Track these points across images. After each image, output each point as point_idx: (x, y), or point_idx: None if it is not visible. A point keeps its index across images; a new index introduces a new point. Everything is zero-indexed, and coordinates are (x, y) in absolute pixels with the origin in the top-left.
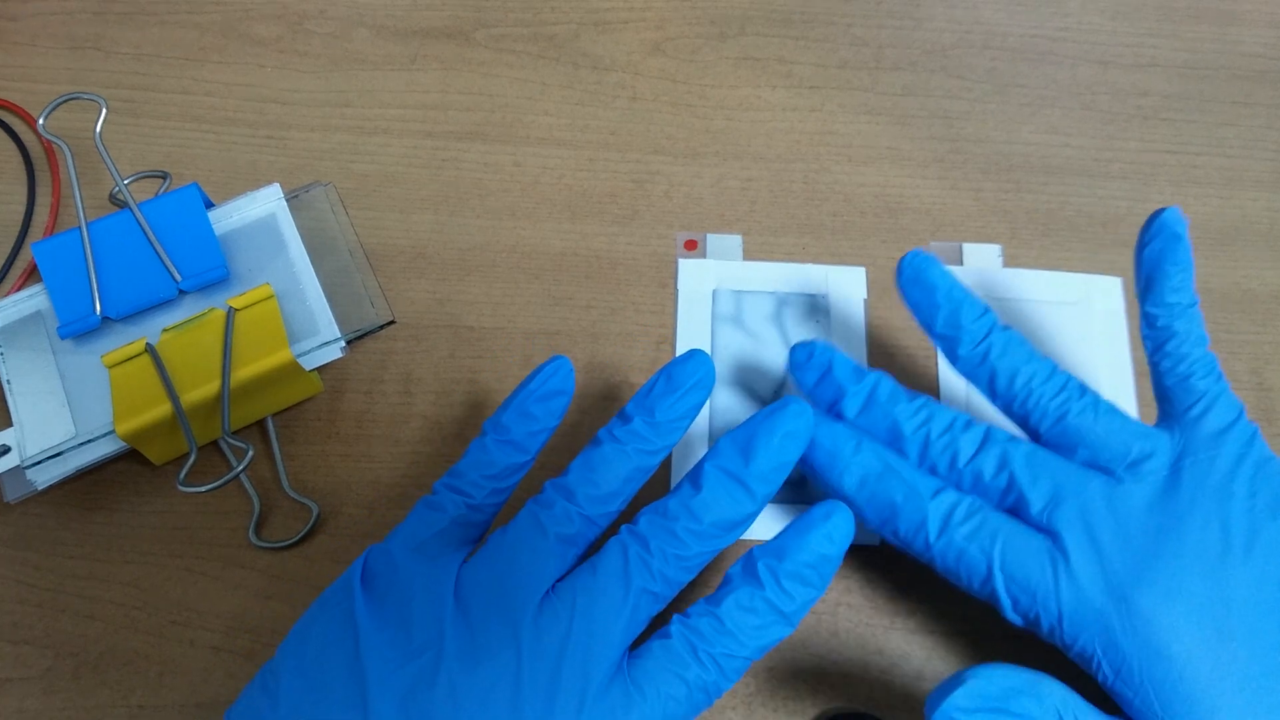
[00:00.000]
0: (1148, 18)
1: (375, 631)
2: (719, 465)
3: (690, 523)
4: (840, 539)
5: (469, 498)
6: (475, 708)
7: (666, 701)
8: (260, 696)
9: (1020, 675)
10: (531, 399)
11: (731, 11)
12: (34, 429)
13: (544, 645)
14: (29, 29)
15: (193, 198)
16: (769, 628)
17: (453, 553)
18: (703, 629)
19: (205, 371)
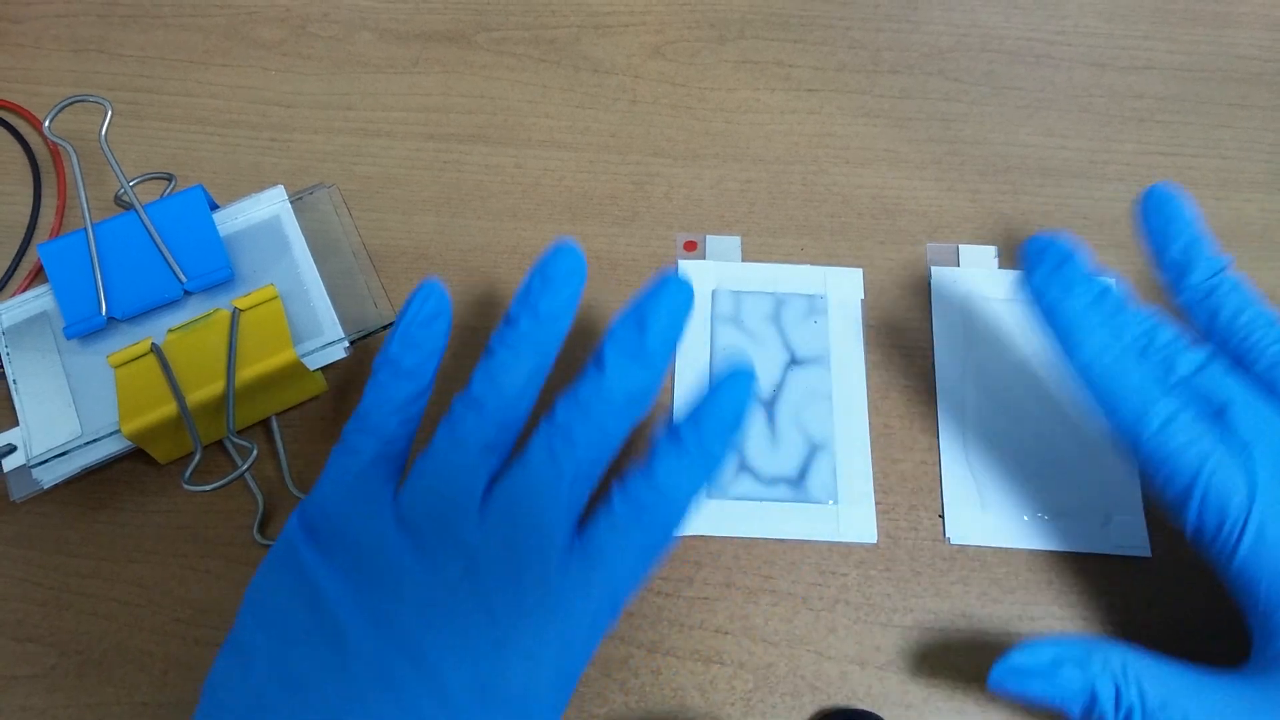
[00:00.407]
0: (1144, 20)
1: (330, 574)
2: (618, 347)
3: (602, 404)
4: (745, 391)
5: (380, 434)
6: (444, 616)
7: (618, 567)
8: (233, 663)
9: (1072, 646)
10: (414, 326)
11: (731, 15)
12: (40, 428)
13: (493, 543)
14: (33, 31)
15: (197, 199)
16: (703, 479)
17: (380, 488)
18: (641, 495)
19: (210, 371)
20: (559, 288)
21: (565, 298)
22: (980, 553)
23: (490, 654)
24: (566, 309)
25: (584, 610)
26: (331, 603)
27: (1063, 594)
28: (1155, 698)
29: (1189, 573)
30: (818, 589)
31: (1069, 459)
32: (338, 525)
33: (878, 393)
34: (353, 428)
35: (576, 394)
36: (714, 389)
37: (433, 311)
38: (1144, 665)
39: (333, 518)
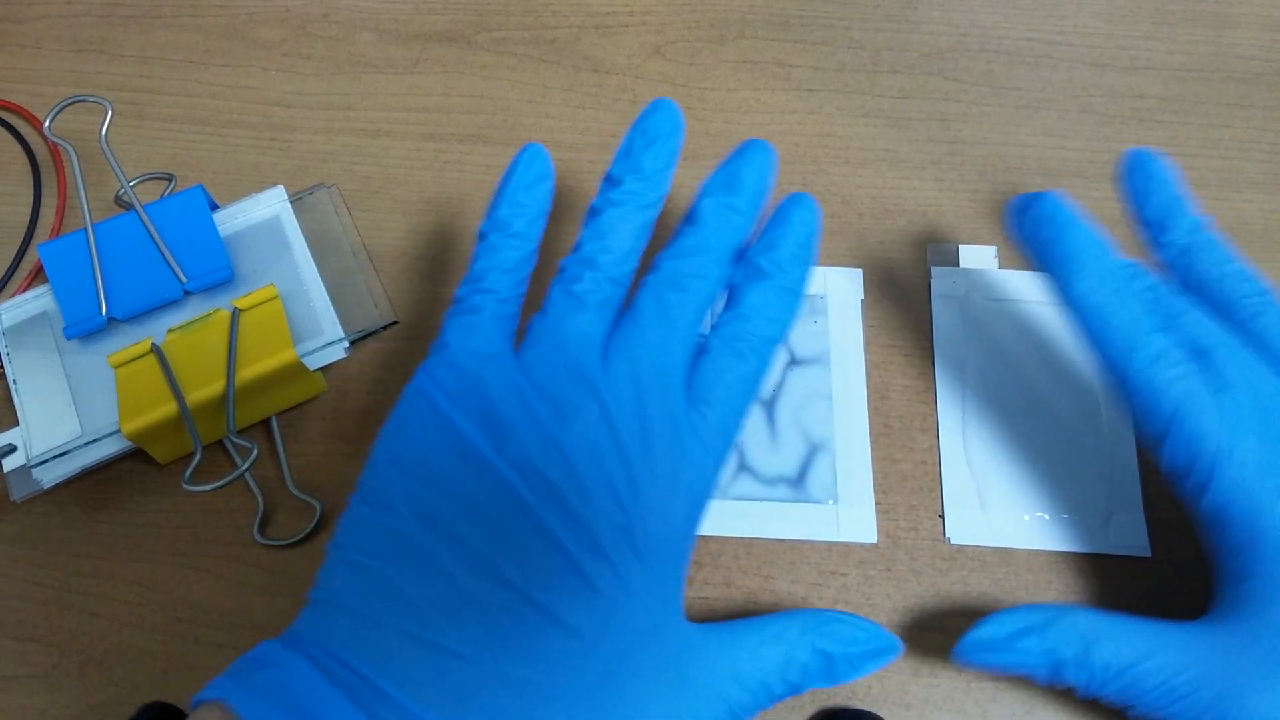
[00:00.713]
0: (1143, 21)
1: (470, 423)
2: (714, 200)
3: (704, 254)
4: (813, 216)
5: (496, 293)
6: (583, 464)
7: (726, 406)
8: (368, 512)
9: (1035, 614)
10: (520, 189)
11: (731, 15)
12: (40, 428)
13: (621, 393)
14: (33, 31)
15: (197, 199)
16: (787, 308)
17: (502, 345)
18: (737, 331)
19: (210, 371)
20: (661, 144)
21: (667, 153)
22: (980, 553)
23: (629, 500)
24: (668, 164)
25: (704, 452)
26: (476, 447)
27: (1063, 594)
28: (1124, 656)
29: (1189, 573)
30: (818, 589)
31: (1069, 459)
32: (468, 381)
33: (878, 393)
34: (468, 290)
35: (679, 247)
36: (780, 215)
37: (538, 174)
38: (1107, 625)
39: (463, 373)
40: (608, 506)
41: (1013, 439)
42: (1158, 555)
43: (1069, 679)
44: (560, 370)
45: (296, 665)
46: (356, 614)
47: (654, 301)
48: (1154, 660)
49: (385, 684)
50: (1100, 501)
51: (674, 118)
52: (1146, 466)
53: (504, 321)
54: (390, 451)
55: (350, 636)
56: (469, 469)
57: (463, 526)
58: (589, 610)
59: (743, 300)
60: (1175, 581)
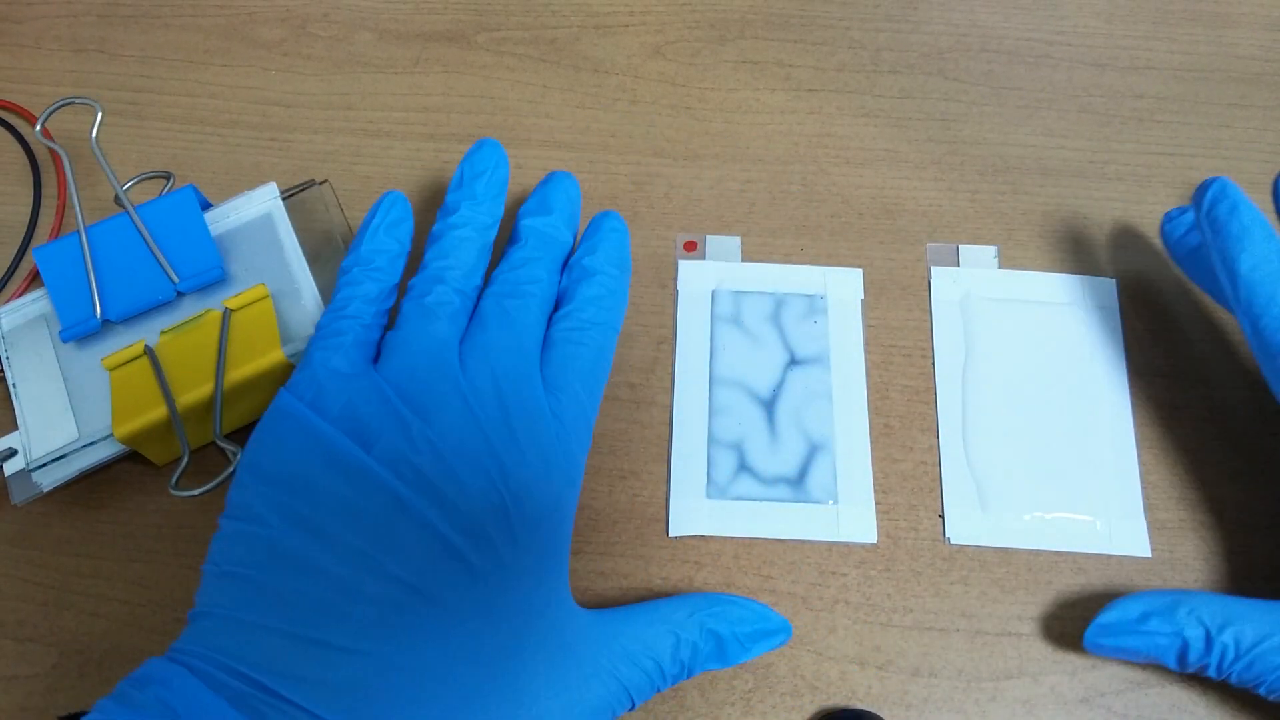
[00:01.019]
0: (1143, 21)
1: (334, 428)
2: (534, 220)
3: (534, 265)
4: (622, 225)
5: (358, 320)
6: (453, 448)
7: (579, 387)
8: (240, 528)
9: (1159, 598)
10: (380, 231)
11: (730, 15)
12: (39, 432)
13: (479, 384)
14: (33, 31)
15: (188, 199)
16: (614, 299)
17: (364, 365)
18: (574, 323)
19: (202, 373)
20: (489, 175)
21: (497, 182)
22: (980, 553)
23: (500, 482)
24: (499, 192)
25: (566, 433)
26: (344, 451)
27: (1063, 594)
28: (1248, 637)
29: (1189, 573)
30: (818, 589)
31: (1069, 459)
32: (331, 393)
33: (878, 393)
34: (332, 317)
35: (511, 261)
36: (595, 227)
37: (398, 218)
38: (1230, 607)
39: (325, 388)
40: (480, 489)
41: (1013, 439)
42: (1158, 556)
43: (1197, 661)
44: (420, 373)
45: (178, 678)
46: (237, 622)
47: (497, 308)
48: (1277, 638)
49: (271, 683)
50: (1100, 502)
51: (498, 153)
52: (1147, 467)
53: (366, 346)
54: (255, 467)
55: (232, 643)
56: (338, 472)
57: (335, 526)
58: (469, 592)
59: (575, 297)
60: (1175, 582)
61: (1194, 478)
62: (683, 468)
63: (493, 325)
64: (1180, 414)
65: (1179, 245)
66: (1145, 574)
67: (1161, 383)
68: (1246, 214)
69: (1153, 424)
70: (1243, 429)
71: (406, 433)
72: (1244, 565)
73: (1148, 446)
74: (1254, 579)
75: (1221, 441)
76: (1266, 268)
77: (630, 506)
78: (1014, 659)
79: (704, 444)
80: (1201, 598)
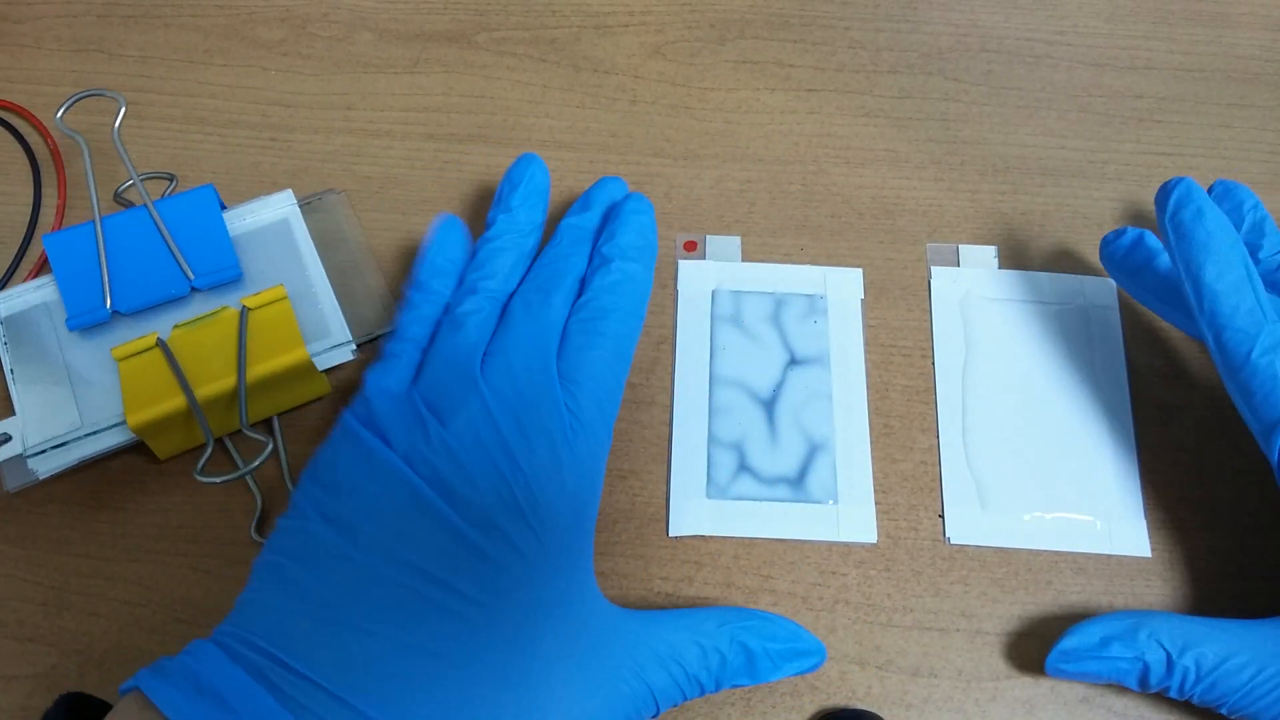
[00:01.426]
0: (1143, 21)
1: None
2: (569, 220)
3: (561, 262)
4: (644, 207)
5: (416, 341)
6: (468, 445)
7: (594, 380)
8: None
9: (1119, 622)
10: (439, 257)
11: (730, 15)
12: (37, 418)
13: (498, 383)
14: (34, 31)
15: (208, 198)
16: (630, 286)
17: (408, 384)
18: (589, 313)
19: (215, 368)
20: (525, 186)
21: (534, 193)
22: (980, 553)
23: (512, 475)
24: (536, 202)
25: (581, 426)
26: (373, 450)
27: (1062, 594)
28: (1209, 659)
29: (1189, 573)
30: (818, 589)
31: (1069, 459)
32: (373, 406)
33: (878, 393)
34: (392, 343)
35: (540, 261)
36: (617, 211)
37: (449, 239)
38: (1190, 629)
39: (370, 402)
40: (492, 484)
41: (1013, 439)
42: (1158, 556)
43: (1159, 683)
44: (443, 379)
45: (207, 652)
46: (267, 604)
47: (522, 306)
48: (1237, 659)
49: (287, 658)
50: (1100, 502)
51: (532, 164)
52: (1147, 467)
53: (417, 366)
54: (311, 472)
55: (260, 623)
56: (367, 473)
57: (360, 519)
58: (489, 581)
59: (590, 286)
60: (1175, 582)
61: (1194, 478)
62: (683, 468)
63: (515, 322)
64: (1180, 414)
65: (1122, 265)
66: (1145, 574)
67: (1161, 383)
68: (1212, 220)
69: (1153, 424)
70: (1243, 429)
71: (425, 435)
72: (1244, 565)
73: (1148, 446)
74: (1254, 579)
75: (1221, 441)
76: (1231, 277)
77: (630, 506)
78: (1014, 659)
79: (704, 444)
80: (1162, 619)
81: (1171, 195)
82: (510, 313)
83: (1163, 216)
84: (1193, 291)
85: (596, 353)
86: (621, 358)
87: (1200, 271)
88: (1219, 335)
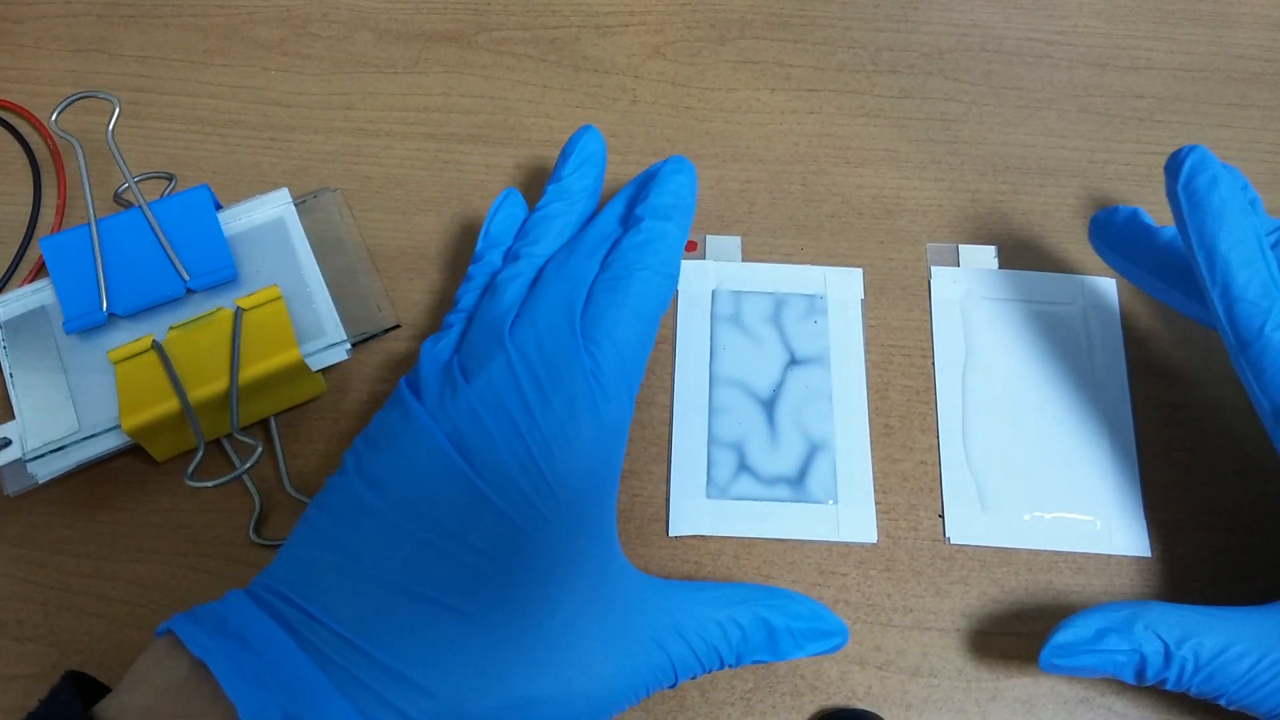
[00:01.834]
0: (1143, 21)
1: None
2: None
3: (597, 228)
4: (680, 168)
5: (468, 310)
6: (488, 403)
7: (615, 339)
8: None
9: (1114, 613)
10: (490, 227)
11: (730, 15)
12: (36, 423)
13: (523, 341)
14: (33, 31)
15: (203, 199)
16: (659, 244)
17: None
18: (613, 273)
19: (211, 370)
20: (575, 156)
21: (582, 159)
22: (980, 553)
23: (529, 432)
24: (585, 168)
25: (598, 385)
26: (409, 408)
27: (1063, 594)
28: (1207, 648)
29: (1189, 573)
30: (818, 589)
31: (1069, 459)
32: (424, 377)
33: (878, 393)
34: (450, 311)
35: (580, 232)
36: (654, 172)
37: (506, 212)
38: (1188, 619)
39: (423, 373)
40: (509, 440)
41: (1013, 439)
42: (1158, 556)
43: (1155, 676)
44: (478, 343)
45: (236, 598)
46: (298, 557)
47: (553, 267)
48: (1236, 648)
49: (309, 607)
50: (1100, 501)
51: (585, 134)
52: (1147, 466)
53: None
54: (363, 432)
55: (289, 574)
56: (401, 427)
57: (388, 474)
58: (503, 537)
59: (619, 245)
60: (1175, 582)
61: (1194, 478)
62: (683, 468)
63: (545, 283)
64: (1180, 414)
65: (1115, 242)
66: (1145, 574)
67: (1161, 383)
68: (1226, 188)
69: (1153, 424)
70: (1243, 429)
71: (453, 392)
72: (1244, 565)
73: (1148, 446)
74: (1254, 579)
75: (1221, 441)
76: (1244, 249)
77: (630, 506)
78: (1014, 659)
79: (704, 444)
80: (1157, 609)
81: (1185, 162)
82: (543, 274)
83: (1174, 184)
84: (1204, 262)
85: (618, 312)
86: (644, 318)
87: (1214, 241)
88: (1230, 308)
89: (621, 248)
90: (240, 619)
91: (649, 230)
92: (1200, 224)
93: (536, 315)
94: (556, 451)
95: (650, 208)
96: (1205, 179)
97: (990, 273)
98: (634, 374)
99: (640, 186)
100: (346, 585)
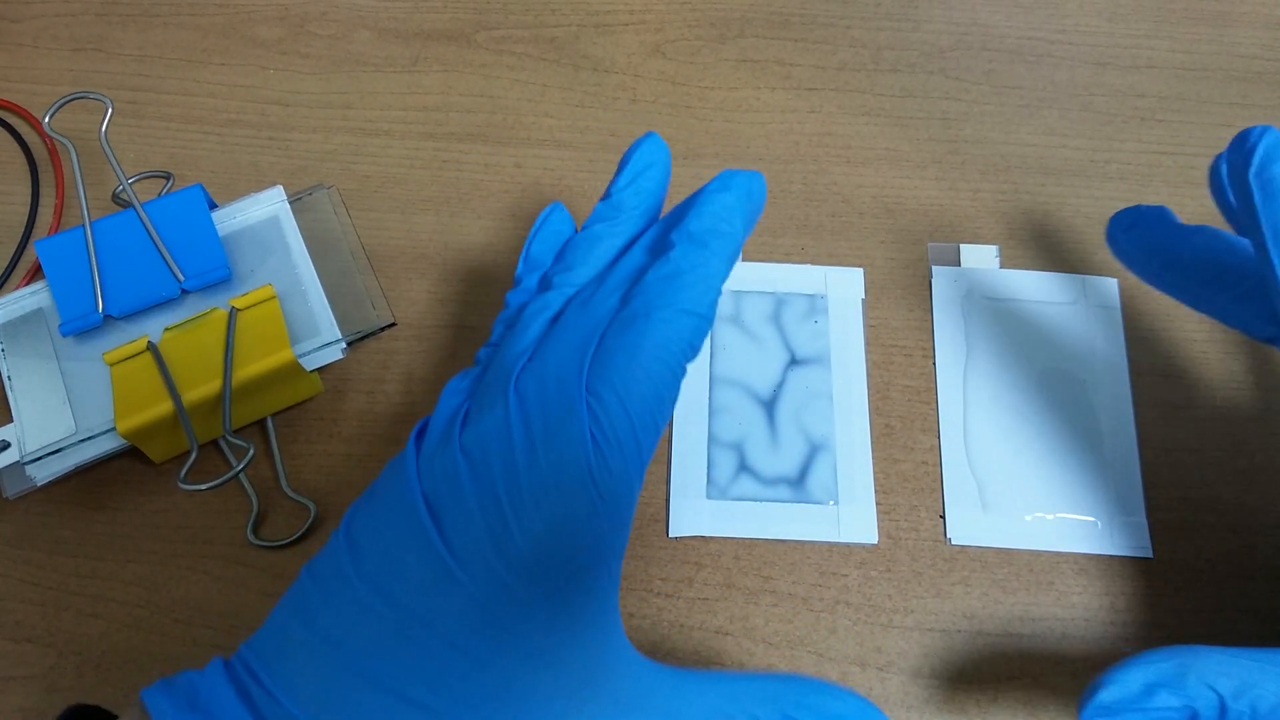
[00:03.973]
0: (1145, 19)
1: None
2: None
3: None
4: (725, 185)
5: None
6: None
7: (623, 388)
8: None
9: (1162, 664)
10: (530, 248)
11: (731, 14)
12: (34, 425)
13: (526, 389)
14: (32, 30)
15: (196, 198)
16: (689, 276)
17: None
18: (631, 310)
19: (207, 370)
20: (628, 170)
21: (640, 177)
22: (981, 553)
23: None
24: (639, 184)
25: (593, 440)
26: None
27: (1064, 595)
28: (1266, 701)
29: (1191, 574)
30: (818, 590)
31: (1070, 459)
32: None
33: (878, 393)
34: (484, 346)
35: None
36: (699, 190)
37: (557, 231)
38: (1244, 668)
39: (441, 410)
40: (486, 508)
41: (1014, 439)
42: (1159, 556)
43: None
44: (488, 385)
45: (214, 669)
46: (275, 625)
47: (578, 304)
48: None
49: (272, 686)
50: (1102, 502)
51: (646, 142)
52: (1148, 467)
53: None
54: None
55: (262, 645)
56: (391, 480)
57: (365, 538)
58: (474, 622)
59: (644, 277)
60: (1177, 583)
61: (1194, 478)
62: (683, 468)
63: (565, 322)
64: (1180, 414)
65: (1143, 243)
66: (1147, 574)
67: (1162, 383)
68: None
69: (1153, 424)
70: (1245, 429)
71: (445, 443)
72: (1245, 565)
73: (1148, 446)
74: (1254, 579)
75: (1221, 441)
76: None
77: None
78: (1015, 660)
79: (704, 444)
80: (1208, 657)
81: (1259, 146)
82: (565, 311)
83: (1245, 171)
84: (1277, 253)
85: (629, 359)
86: (663, 367)
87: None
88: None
89: (645, 281)
90: (210, 694)
91: (678, 260)
92: (1275, 215)
93: (546, 361)
94: (539, 525)
95: (684, 232)
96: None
97: (991, 272)
98: (646, 435)
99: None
100: (313, 666)
